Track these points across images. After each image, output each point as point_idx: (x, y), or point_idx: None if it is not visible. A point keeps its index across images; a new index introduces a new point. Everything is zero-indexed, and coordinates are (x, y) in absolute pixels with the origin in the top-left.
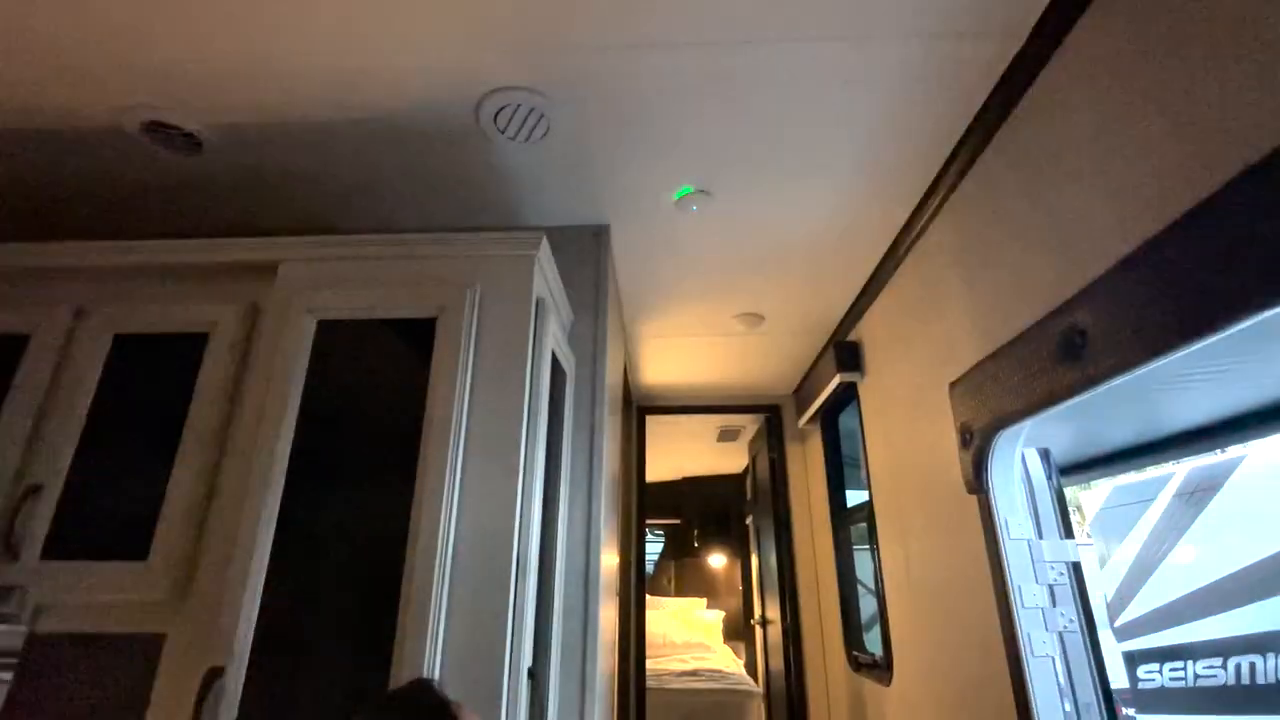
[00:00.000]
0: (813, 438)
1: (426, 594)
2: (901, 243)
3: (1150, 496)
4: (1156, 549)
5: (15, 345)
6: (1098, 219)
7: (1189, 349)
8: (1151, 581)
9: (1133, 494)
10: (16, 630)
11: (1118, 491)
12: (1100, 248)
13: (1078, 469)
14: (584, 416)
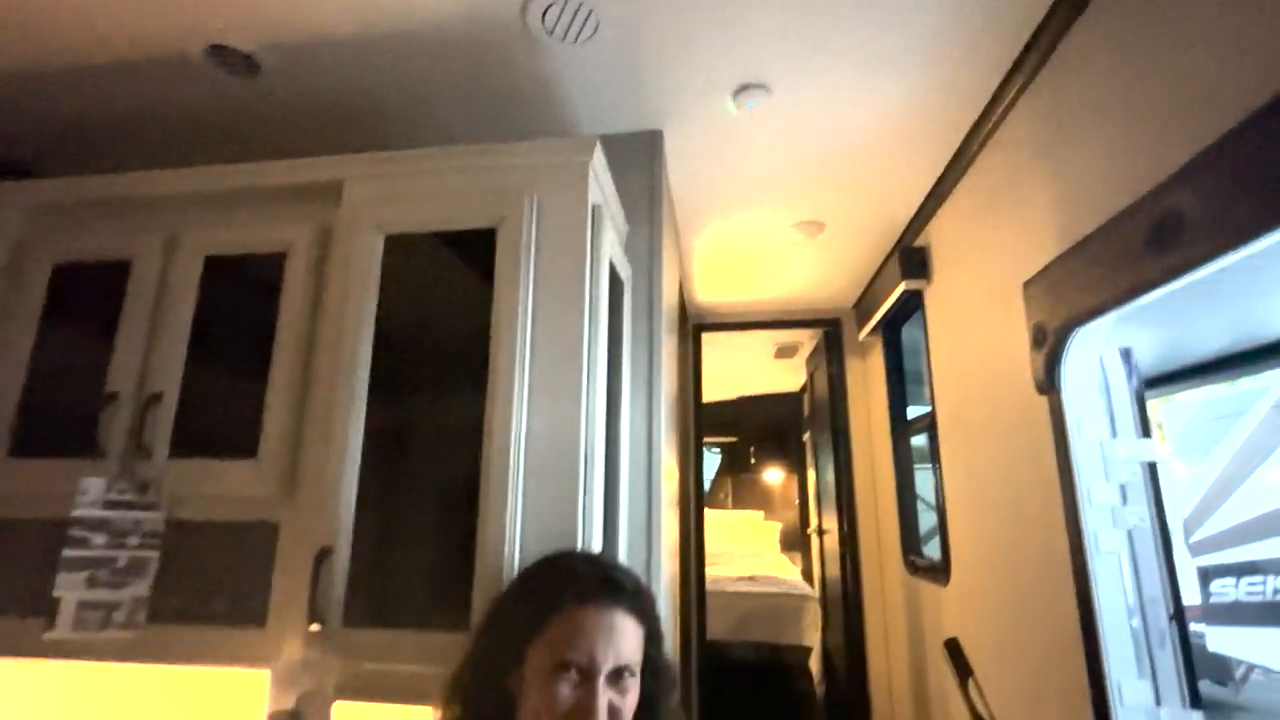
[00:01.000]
0: (873, 351)
1: (503, 485)
2: (975, 136)
3: (1240, 410)
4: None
5: (121, 270)
6: (1206, 88)
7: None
8: (1234, 498)
9: (1221, 408)
10: (157, 517)
11: (1205, 406)
12: (1207, 121)
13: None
14: (642, 325)
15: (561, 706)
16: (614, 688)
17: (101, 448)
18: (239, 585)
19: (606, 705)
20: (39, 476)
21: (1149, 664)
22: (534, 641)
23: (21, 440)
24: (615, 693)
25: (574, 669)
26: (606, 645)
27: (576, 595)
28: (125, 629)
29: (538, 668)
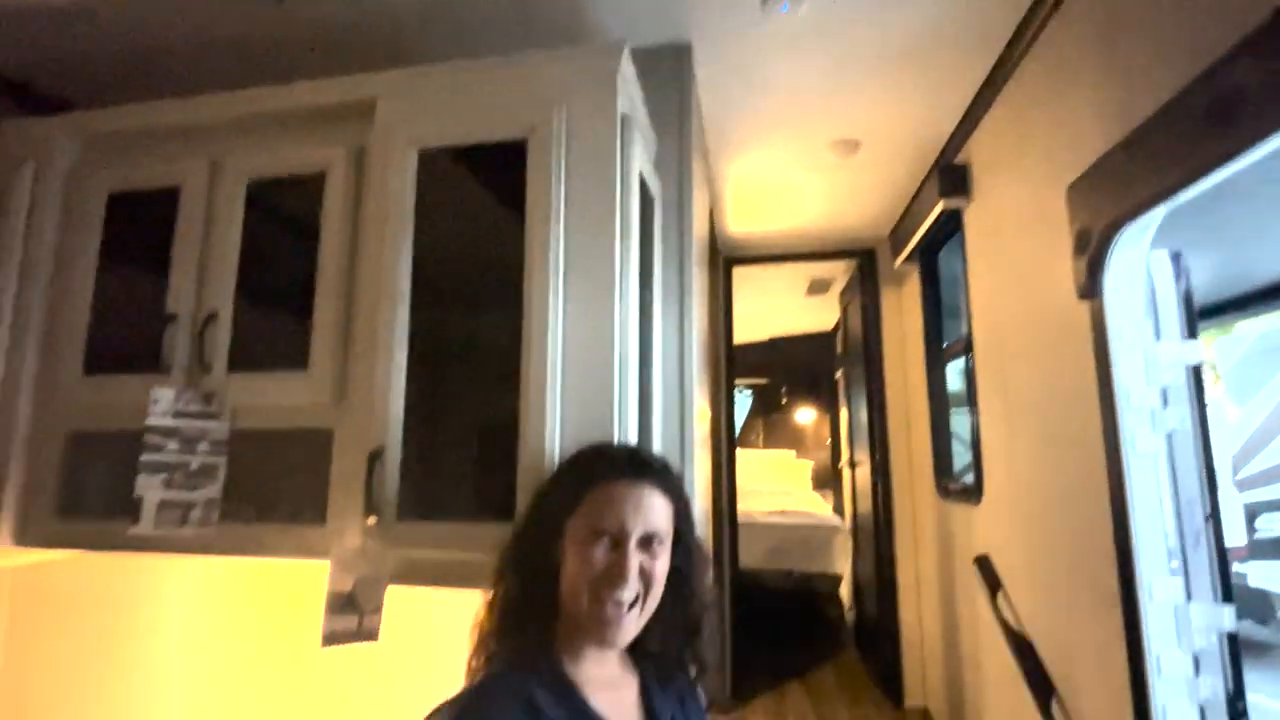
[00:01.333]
0: (909, 280)
1: (541, 389)
2: (1020, 39)
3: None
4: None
5: (171, 197)
6: None
7: None
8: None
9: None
10: (222, 426)
11: (1261, 338)
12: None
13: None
14: (672, 243)
15: (596, 569)
16: (645, 552)
17: (166, 364)
18: (300, 486)
19: (638, 566)
20: (112, 391)
21: (1182, 563)
22: (572, 516)
23: (93, 359)
24: (646, 556)
25: (607, 536)
26: (636, 514)
27: (608, 471)
28: (201, 526)
29: (575, 538)
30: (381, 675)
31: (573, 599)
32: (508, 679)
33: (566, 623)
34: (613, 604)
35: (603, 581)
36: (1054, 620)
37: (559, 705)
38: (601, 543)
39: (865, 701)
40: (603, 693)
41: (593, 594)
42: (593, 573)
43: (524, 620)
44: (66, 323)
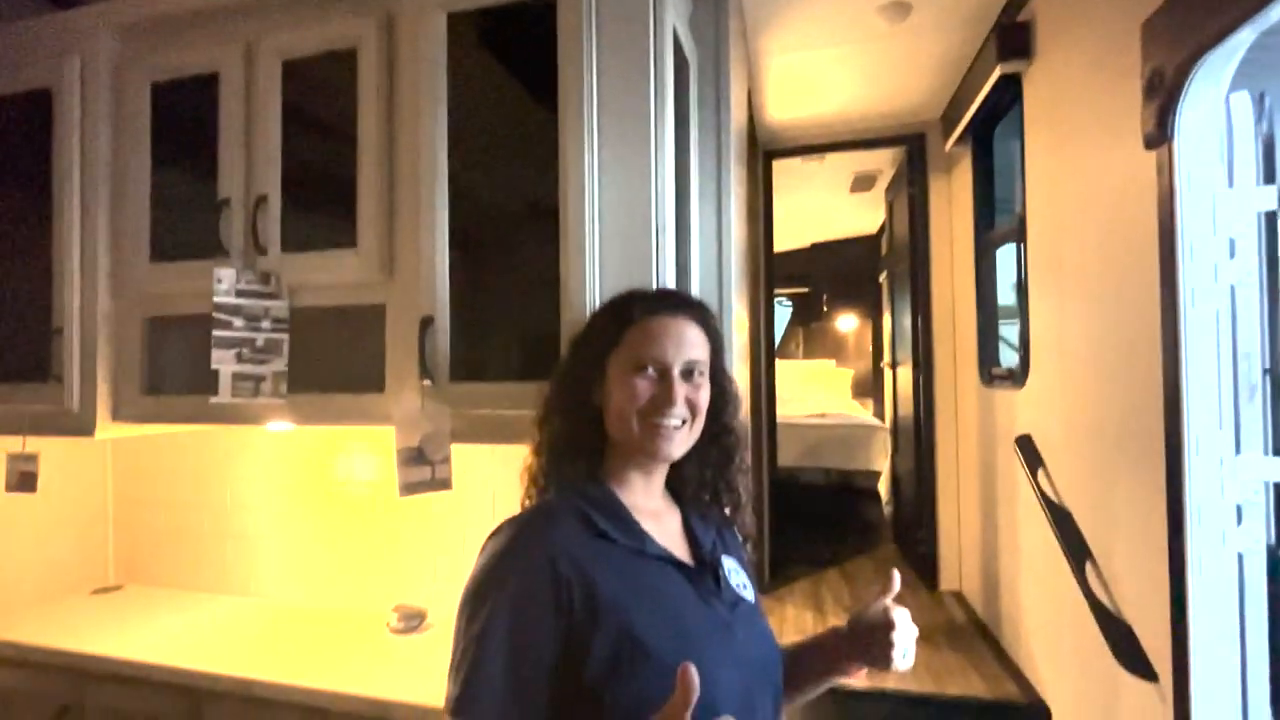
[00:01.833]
0: (960, 164)
1: (580, 253)
2: None
3: None
4: None
5: (211, 83)
6: None
7: None
8: None
9: None
10: (282, 304)
11: None
12: None
13: None
14: (709, 117)
15: (641, 399)
16: (687, 383)
17: (225, 248)
18: (358, 359)
19: (684, 396)
20: (179, 277)
21: (1233, 417)
22: (613, 353)
23: (158, 248)
24: (689, 387)
25: (651, 367)
26: (678, 346)
27: (646, 308)
28: (272, 397)
29: (618, 374)
30: (436, 529)
31: (622, 426)
32: (563, 499)
33: (613, 453)
34: (663, 425)
35: (650, 409)
36: (1094, 489)
37: (610, 521)
38: (646, 374)
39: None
40: (649, 519)
41: (642, 420)
42: (640, 403)
43: (573, 455)
44: (131, 213)
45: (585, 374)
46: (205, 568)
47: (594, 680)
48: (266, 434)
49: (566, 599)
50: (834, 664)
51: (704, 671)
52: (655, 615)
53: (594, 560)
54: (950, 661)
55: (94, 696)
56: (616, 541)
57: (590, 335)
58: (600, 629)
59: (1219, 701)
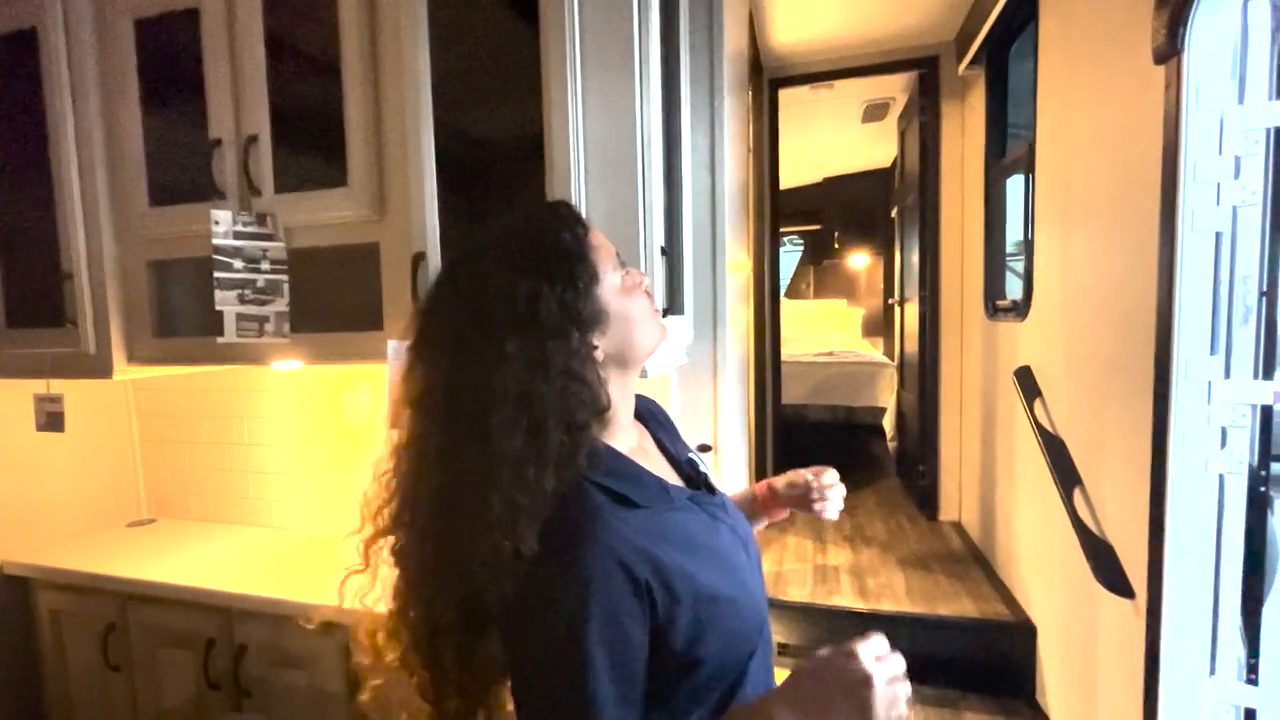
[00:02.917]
0: (974, 89)
1: (565, 185)
2: None
3: None
4: None
5: (193, 17)
6: None
7: None
8: None
9: None
10: (279, 246)
11: None
12: None
13: None
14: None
15: (654, 302)
16: None
17: (221, 190)
18: (356, 297)
19: None
20: (178, 219)
21: (1225, 341)
22: (595, 286)
23: (156, 191)
24: None
25: (625, 266)
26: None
27: (569, 229)
28: (276, 337)
29: (617, 295)
30: None
31: (643, 344)
32: (579, 485)
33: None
34: (659, 313)
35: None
36: (1087, 417)
37: (636, 488)
38: (629, 275)
39: (902, 517)
40: (645, 459)
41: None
42: (655, 306)
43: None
44: (126, 157)
45: (582, 327)
46: (229, 502)
47: (684, 646)
48: (278, 374)
49: (649, 599)
50: (763, 512)
51: (749, 590)
52: (707, 562)
53: (649, 538)
54: (944, 586)
55: (136, 616)
56: (649, 507)
57: (557, 290)
58: (680, 603)
59: (1190, 616)
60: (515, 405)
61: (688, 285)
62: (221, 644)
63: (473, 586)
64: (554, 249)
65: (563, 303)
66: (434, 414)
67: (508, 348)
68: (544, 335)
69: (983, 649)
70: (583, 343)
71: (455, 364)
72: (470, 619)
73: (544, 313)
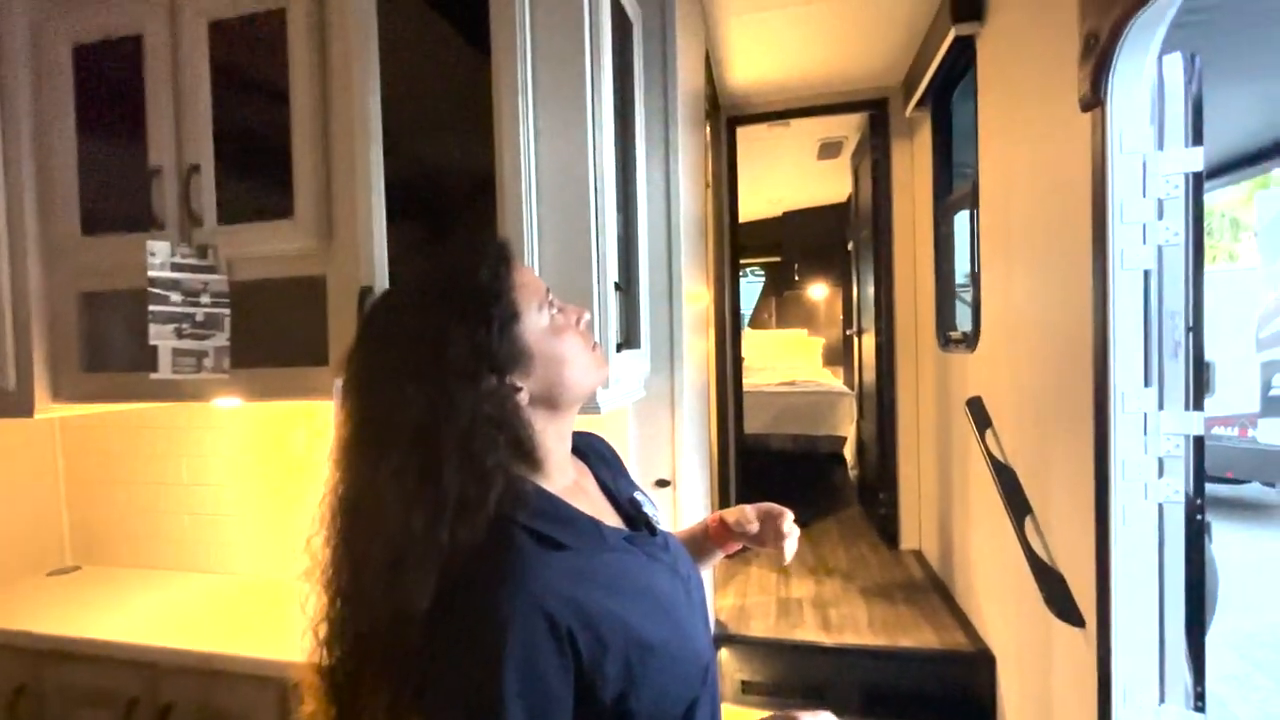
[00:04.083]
0: (921, 130)
1: (518, 223)
2: None
3: None
4: None
5: (135, 45)
6: None
7: None
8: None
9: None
10: (221, 278)
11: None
12: None
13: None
14: (655, 72)
15: (584, 335)
16: None
17: (159, 220)
18: (301, 331)
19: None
20: (113, 250)
21: (1158, 374)
22: (515, 323)
23: (90, 220)
24: None
25: (553, 302)
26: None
27: (491, 264)
28: (215, 373)
29: (540, 332)
30: None
31: (576, 381)
32: (502, 527)
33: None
34: (598, 345)
35: (588, 337)
36: (1035, 447)
37: (564, 529)
38: (556, 310)
39: (864, 546)
40: (580, 498)
41: (593, 357)
42: (586, 339)
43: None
44: (58, 184)
45: (498, 368)
46: (164, 546)
47: (615, 698)
48: (220, 410)
49: (572, 649)
50: (715, 546)
51: (689, 635)
52: (641, 606)
53: (576, 583)
54: (905, 616)
55: (52, 675)
56: (579, 549)
57: (467, 330)
58: (609, 651)
59: (1138, 643)
60: (408, 450)
61: (644, 319)
62: (145, 703)
63: (382, 642)
64: (469, 288)
65: (474, 343)
66: (340, 461)
67: (408, 391)
68: (449, 377)
69: (944, 680)
70: (500, 384)
71: (360, 409)
72: (389, 675)
73: (451, 354)
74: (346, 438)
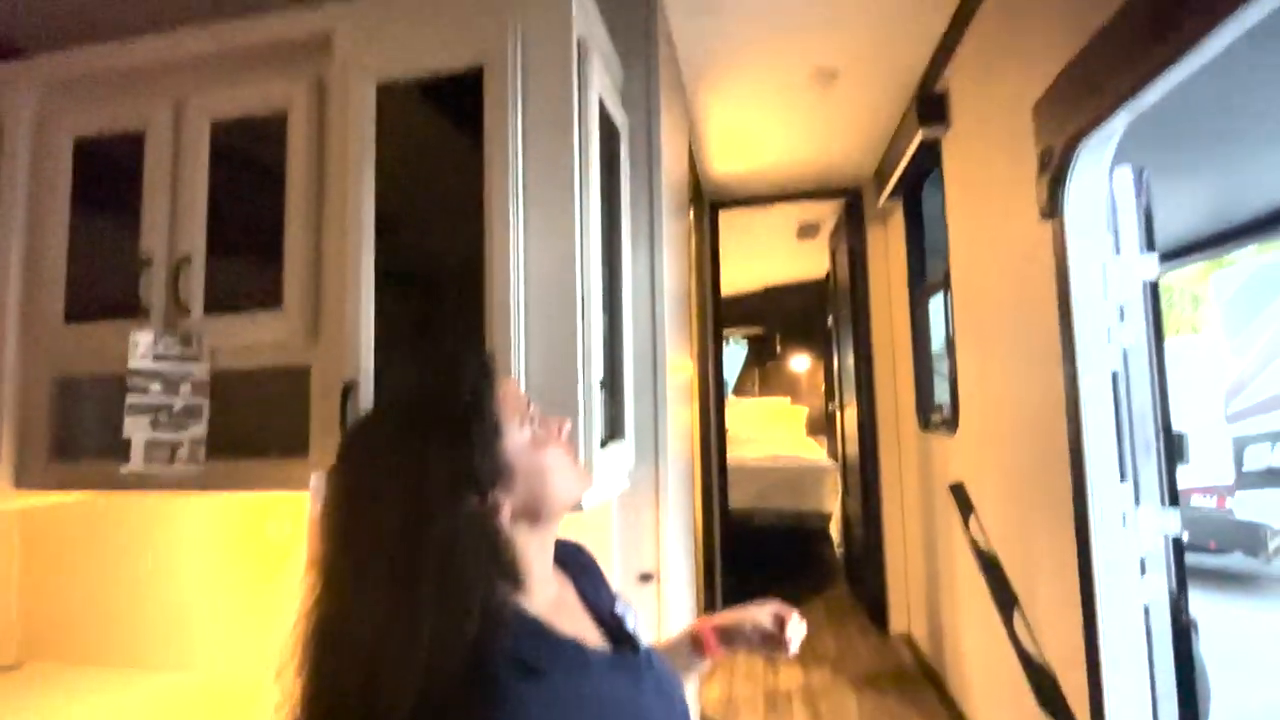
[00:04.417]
0: (893, 217)
1: (505, 321)
2: None
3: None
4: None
5: (137, 140)
6: None
7: None
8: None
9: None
10: (203, 367)
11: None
12: None
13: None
14: (641, 173)
15: (566, 448)
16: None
17: (144, 309)
18: (281, 422)
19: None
20: (94, 338)
21: (1132, 470)
22: (498, 441)
23: (73, 306)
24: None
25: (533, 417)
26: (518, 390)
27: (472, 381)
28: (189, 464)
29: (523, 448)
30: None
31: (559, 493)
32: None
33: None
34: (577, 457)
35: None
36: (1018, 537)
37: (546, 652)
38: (538, 425)
39: (852, 629)
40: (562, 615)
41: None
42: (569, 452)
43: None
44: (45, 270)
45: (480, 487)
46: (121, 639)
47: None
48: (192, 498)
49: None
50: (705, 655)
51: None
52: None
53: (558, 712)
54: (897, 711)
55: None
56: (562, 676)
57: (449, 451)
58: None
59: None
60: (386, 577)
61: (628, 411)
62: None
63: None
64: (451, 407)
65: (455, 464)
66: (315, 585)
67: (387, 516)
68: (429, 501)
69: None
70: (482, 502)
71: (338, 532)
72: None
73: (433, 478)
74: (323, 561)
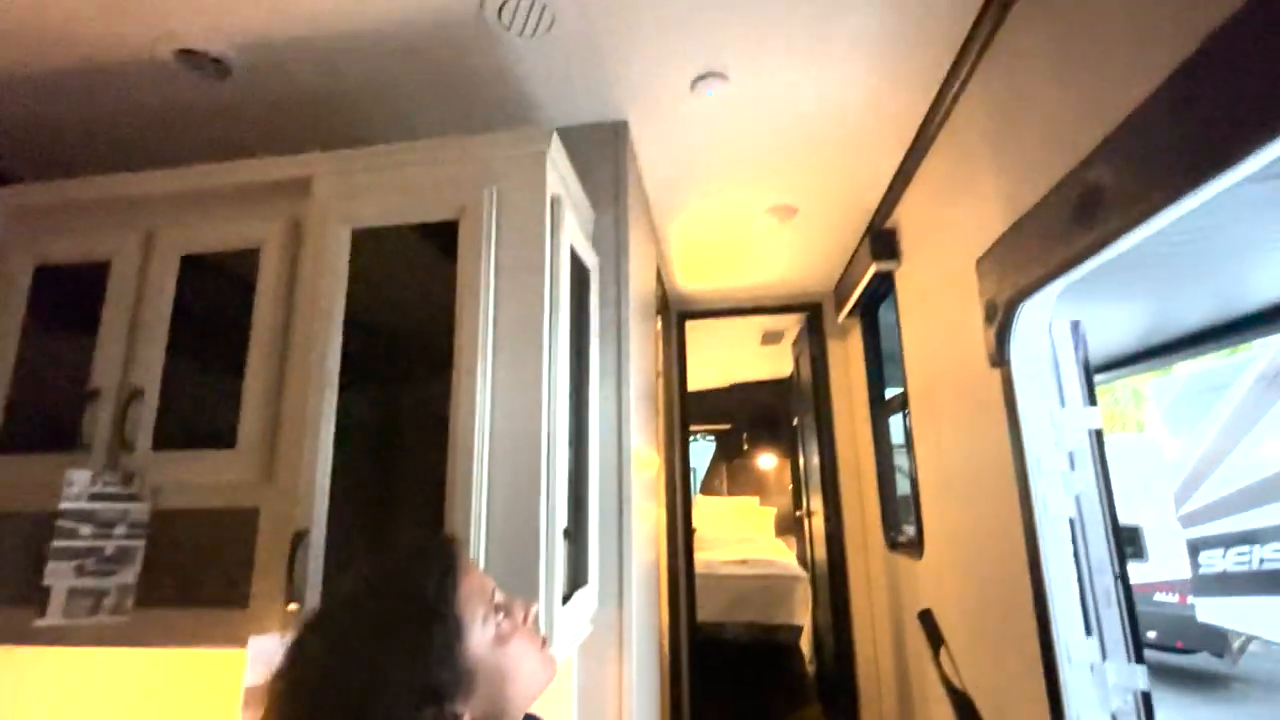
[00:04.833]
0: (853, 333)
1: (468, 472)
2: (930, 123)
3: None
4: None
5: (101, 270)
6: (1119, 63)
7: (1201, 192)
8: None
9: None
10: (143, 507)
11: (1193, 379)
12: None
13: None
14: (610, 313)
15: (536, 635)
16: None
17: (86, 442)
18: (223, 569)
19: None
20: (25, 471)
21: (1095, 622)
22: (463, 638)
23: (7, 436)
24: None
25: (499, 606)
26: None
27: (439, 577)
28: (114, 615)
29: (490, 642)
30: None
31: (530, 682)
32: None
33: None
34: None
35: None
36: (989, 678)
37: None
38: (507, 613)
39: None
40: None
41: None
42: (538, 641)
43: None
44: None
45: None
46: None
47: None
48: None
49: None
50: None
51: None
52: None
53: None
54: None
55: None
56: None
57: (405, 663)
58: None
59: None
60: None
61: (593, 554)
62: None
63: None
64: (410, 608)
65: (412, 677)
66: None
67: None
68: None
69: None
70: (440, 715)
71: None
72: None
73: (387, 695)
74: None
